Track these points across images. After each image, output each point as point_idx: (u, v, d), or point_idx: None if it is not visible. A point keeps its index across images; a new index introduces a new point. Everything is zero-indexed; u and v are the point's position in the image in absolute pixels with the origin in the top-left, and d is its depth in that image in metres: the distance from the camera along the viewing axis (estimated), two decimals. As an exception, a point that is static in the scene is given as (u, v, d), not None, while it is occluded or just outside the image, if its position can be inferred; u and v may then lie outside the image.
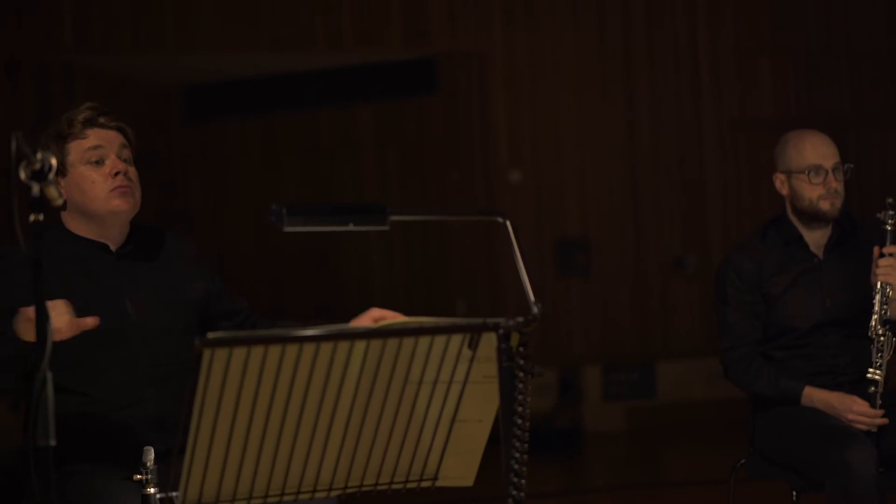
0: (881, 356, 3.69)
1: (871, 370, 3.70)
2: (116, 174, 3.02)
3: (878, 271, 3.72)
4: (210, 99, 10.66)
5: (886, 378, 3.71)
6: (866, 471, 3.46)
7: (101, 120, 3.06)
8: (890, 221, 3.78)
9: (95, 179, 3.03)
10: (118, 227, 3.10)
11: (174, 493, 2.40)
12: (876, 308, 3.69)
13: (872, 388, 3.69)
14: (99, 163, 3.04)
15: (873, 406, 3.68)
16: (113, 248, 3.10)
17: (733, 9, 10.12)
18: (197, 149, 10.51)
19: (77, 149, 3.05)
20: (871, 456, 3.49)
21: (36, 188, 2.20)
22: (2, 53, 8.99)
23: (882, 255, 3.73)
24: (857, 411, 3.69)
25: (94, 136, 3.05)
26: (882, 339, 3.69)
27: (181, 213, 10.15)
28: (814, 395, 3.77)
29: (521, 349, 2.43)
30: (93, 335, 2.88)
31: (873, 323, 3.69)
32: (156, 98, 10.32)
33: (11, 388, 2.92)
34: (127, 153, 3.08)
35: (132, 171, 3.08)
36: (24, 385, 3.01)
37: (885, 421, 3.69)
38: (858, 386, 3.75)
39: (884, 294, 3.70)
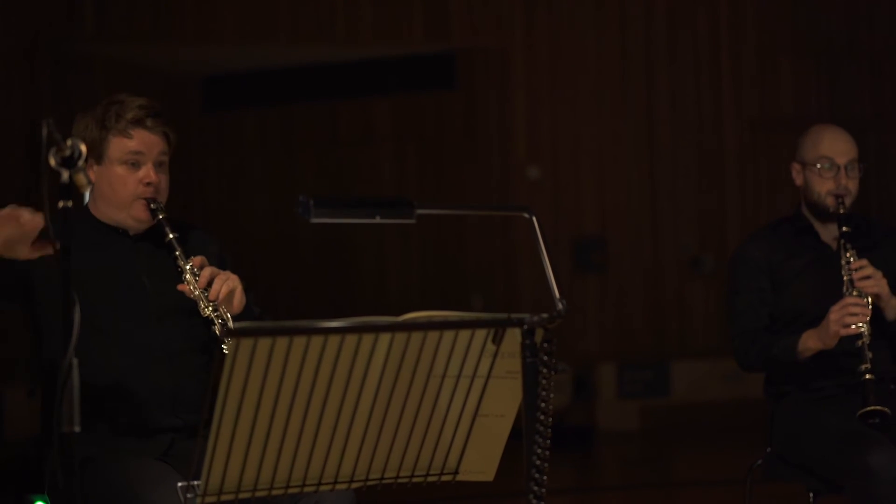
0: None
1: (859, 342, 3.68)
2: (148, 184, 3.09)
3: (858, 285, 3.71)
4: (228, 90, 10.67)
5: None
6: (887, 473, 3.44)
7: (149, 122, 3.11)
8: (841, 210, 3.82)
9: (127, 182, 3.10)
10: (136, 227, 3.18)
11: (196, 482, 2.40)
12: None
13: (860, 342, 3.67)
14: (135, 165, 3.11)
15: (862, 360, 3.65)
16: (132, 233, 3.20)
17: (755, 8, 10.10)
18: (214, 139, 10.52)
19: (118, 147, 3.11)
20: (893, 458, 3.47)
21: (65, 175, 2.20)
22: (22, 40, 9.01)
23: (852, 268, 3.73)
24: (841, 305, 3.66)
25: (138, 139, 3.10)
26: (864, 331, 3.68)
27: (197, 204, 10.17)
28: (808, 336, 3.74)
29: (545, 345, 2.43)
30: (111, 309, 3.00)
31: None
32: (174, 88, 10.33)
33: None
34: (164, 159, 3.15)
35: (164, 180, 3.14)
36: (39, 370, 3.03)
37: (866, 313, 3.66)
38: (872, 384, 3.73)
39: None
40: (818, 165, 3.87)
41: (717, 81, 10.10)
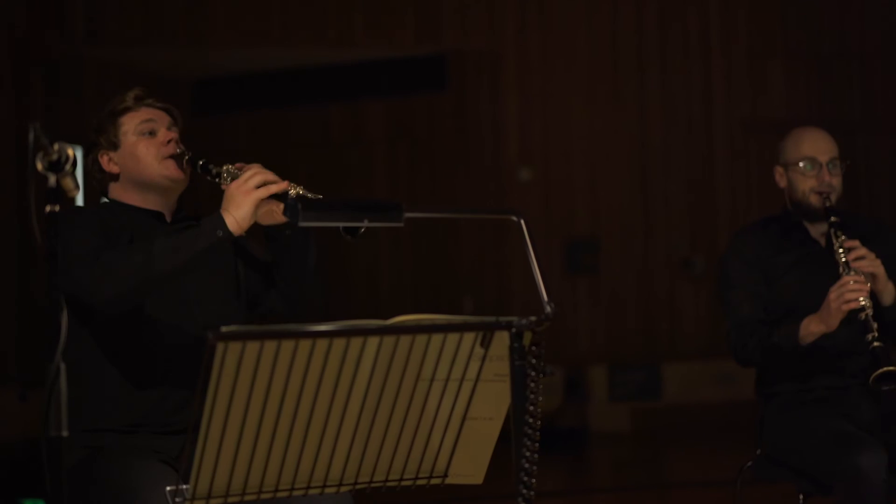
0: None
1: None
2: (169, 142, 3.18)
3: (854, 265, 3.71)
4: (220, 93, 10.67)
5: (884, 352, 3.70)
6: (876, 475, 3.45)
7: (150, 100, 3.23)
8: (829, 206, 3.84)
9: (148, 147, 3.17)
10: (171, 194, 3.23)
11: (185, 486, 2.40)
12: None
13: (863, 315, 3.67)
14: (152, 133, 3.19)
15: (868, 331, 3.65)
16: (168, 217, 3.22)
17: (746, 11, 10.12)
18: (206, 142, 10.51)
19: (130, 121, 3.19)
20: (882, 460, 3.48)
21: (52, 179, 2.20)
22: (12, 43, 9.00)
23: (844, 249, 3.73)
24: (839, 284, 3.66)
25: (146, 111, 3.20)
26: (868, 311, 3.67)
27: (188, 207, 10.14)
28: (810, 320, 3.73)
29: (533, 348, 2.43)
30: (157, 301, 3.01)
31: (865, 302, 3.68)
32: (165, 91, 10.29)
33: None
34: (176, 130, 3.24)
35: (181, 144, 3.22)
36: (31, 375, 3.03)
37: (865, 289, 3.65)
38: (868, 389, 3.74)
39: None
40: (800, 164, 3.90)
41: (709, 83, 10.11)
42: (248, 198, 2.89)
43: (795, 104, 10.10)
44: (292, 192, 2.90)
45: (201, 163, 3.14)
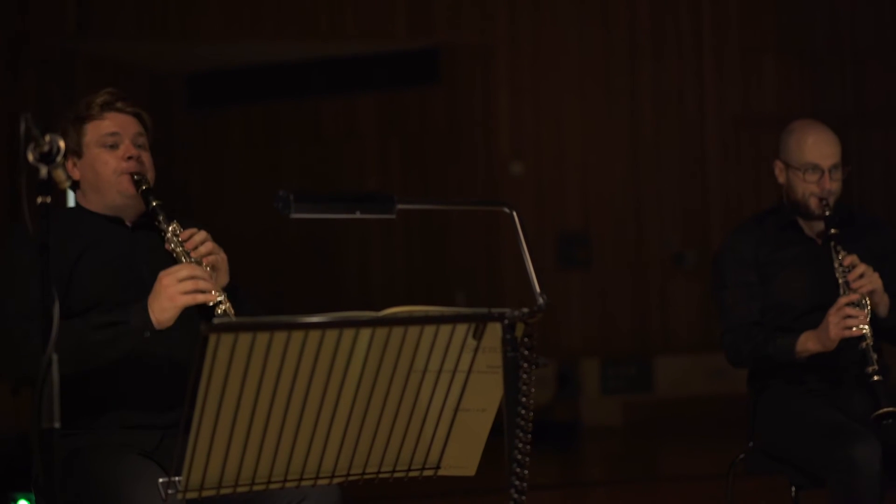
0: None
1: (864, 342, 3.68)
2: (129, 158, 3.13)
3: (854, 286, 3.71)
4: (212, 87, 10.65)
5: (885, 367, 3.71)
6: (870, 468, 3.45)
7: (119, 104, 3.16)
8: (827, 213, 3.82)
9: (108, 161, 3.13)
10: (130, 207, 3.18)
11: (177, 478, 2.40)
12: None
13: (864, 344, 3.68)
14: (114, 146, 3.14)
15: (868, 363, 3.66)
16: (128, 222, 3.19)
17: (738, 5, 10.12)
18: (198, 137, 10.50)
19: (94, 131, 3.15)
20: (876, 452, 3.49)
21: (44, 170, 2.19)
22: (4, 38, 8.98)
23: (844, 267, 3.73)
24: (839, 306, 3.66)
25: (112, 121, 3.15)
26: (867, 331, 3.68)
27: (181, 200, 10.15)
28: (807, 338, 3.74)
29: (525, 340, 2.43)
30: (110, 303, 2.99)
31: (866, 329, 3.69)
32: (158, 85, 10.31)
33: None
34: (142, 140, 3.19)
35: (146, 156, 3.18)
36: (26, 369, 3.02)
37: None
38: (860, 382, 3.75)
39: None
40: (802, 171, 3.87)
41: (701, 78, 10.12)
42: (174, 303, 2.87)
43: (788, 99, 10.11)
44: (220, 308, 2.90)
45: (154, 204, 3.09)
